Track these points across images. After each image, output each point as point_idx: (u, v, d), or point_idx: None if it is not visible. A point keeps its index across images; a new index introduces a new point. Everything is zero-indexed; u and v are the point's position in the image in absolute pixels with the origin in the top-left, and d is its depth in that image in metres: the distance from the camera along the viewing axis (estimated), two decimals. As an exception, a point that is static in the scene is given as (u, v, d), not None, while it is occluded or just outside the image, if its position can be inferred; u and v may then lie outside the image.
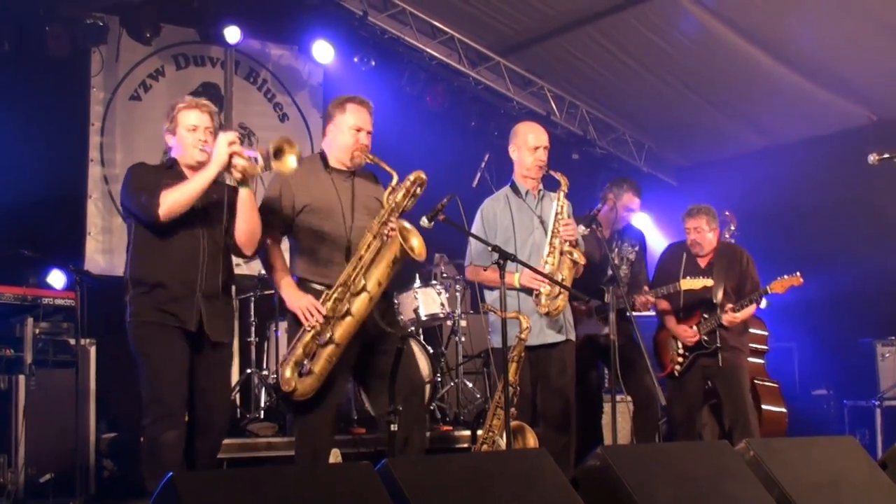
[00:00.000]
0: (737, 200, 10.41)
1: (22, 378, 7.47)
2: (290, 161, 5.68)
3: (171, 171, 5.95)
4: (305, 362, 5.92)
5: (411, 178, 6.13)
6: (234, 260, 6.24)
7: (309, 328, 5.96)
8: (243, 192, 5.88)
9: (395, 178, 6.12)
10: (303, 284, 6.16)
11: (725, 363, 8.37)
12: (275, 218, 6.21)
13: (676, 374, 8.56)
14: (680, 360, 8.52)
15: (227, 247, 6.04)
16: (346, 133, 6.30)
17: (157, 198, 5.70)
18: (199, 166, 5.91)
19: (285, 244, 6.40)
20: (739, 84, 11.51)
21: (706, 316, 8.42)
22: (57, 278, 8.68)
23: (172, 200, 5.71)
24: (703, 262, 8.56)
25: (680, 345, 8.55)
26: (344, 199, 6.25)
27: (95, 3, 10.08)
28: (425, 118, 11.97)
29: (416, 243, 5.94)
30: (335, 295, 5.96)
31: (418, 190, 6.12)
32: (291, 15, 11.43)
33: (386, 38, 11.89)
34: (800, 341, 11.61)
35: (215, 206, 5.96)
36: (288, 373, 5.89)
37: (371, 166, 6.33)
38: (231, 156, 5.70)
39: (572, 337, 7.26)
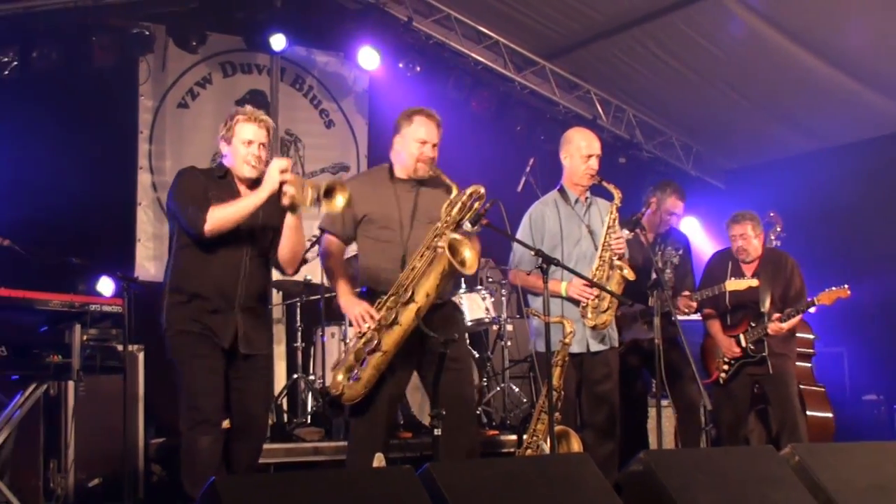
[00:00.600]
0: (785, 204, 10.33)
1: (71, 384, 7.52)
2: (338, 202, 5.68)
3: (223, 181, 6.01)
4: (356, 369, 5.97)
5: (468, 191, 6.14)
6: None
7: (360, 334, 6.01)
8: (290, 218, 5.91)
9: (455, 191, 6.16)
10: (367, 293, 6.24)
11: (775, 370, 8.31)
12: (338, 226, 6.33)
13: (722, 381, 8.51)
14: (726, 367, 8.47)
15: (269, 260, 6.10)
16: (412, 145, 6.35)
17: (204, 213, 5.76)
18: (247, 181, 5.97)
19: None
20: (787, 86, 11.43)
21: (753, 324, 8.36)
22: (106, 285, 8.75)
23: (219, 218, 5.77)
24: (748, 270, 8.49)
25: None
26: (404, 209, 6.31)
27: (141, 12, 10.16)
28: (470, 123, 11.97)
29: (468, 256, 5.92)
30: (387, 303, 6.01)
31: (476, 204, 6.11)
32: (337, 22, 11.46)
33: (431, 43, 11.90)
34: (850, 346, 11.50)
35: (262, 222, 6.01)
36: (339, 377, 6.04)
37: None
38: (282, 183, 5.73)
39: (616, 344, 7.24)
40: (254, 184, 5.95)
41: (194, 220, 5.76)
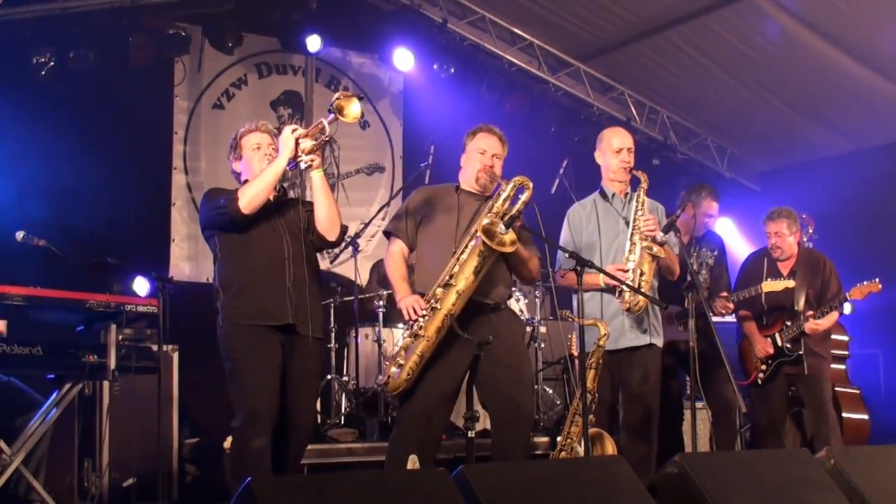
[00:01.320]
0: (821, 205, 10.30)
1: (106, 384, 7.56)
2: (353, 110, 5.77)
3: (229, 193, 6.04)
4: (401, 358, 6.02)
5: (513, 181, 6.22)
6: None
7: (409, 324, 6.11)
8: (316, 177, 6.00)
9: (503, 183, 6.26)
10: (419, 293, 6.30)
11: (811, 370, 8.27)
12: (402, 232, 6.46)
13: (760, 381, 8.47)
14: (763, 367, 8.44)
15: (312, 245, 6.14)
16: (474, 156, 6.49)
17: (235, 198, 5.85)
18: None
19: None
20: (823, 88, 11.39)
21: (788, 323, 8.34)
22: (141, 285, 8.80)
23: (250, 192, 5.85)
24: (784, 268, 8.46)
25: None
26: (463, 215, 6.39)
27: (178, 13, 10.21)
28: (505, 124, 11.70)
29: (504, 237, 5.98)
30: (436, 291, 6.07)
31: (522, 195, 6.15)
32: (372, 23, 11.50)
33: (465, 45, 11.92)
34: (885, 348, 11.44)
35: (292, 212, 6.13)
36: (393, 369, 6.08)
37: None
38: (297, 141, 5.84)
39: (658, 342, 7.15)
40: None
41: (227, 204, 5.85)
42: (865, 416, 9.60)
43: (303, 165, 5.89)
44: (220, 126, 10.99)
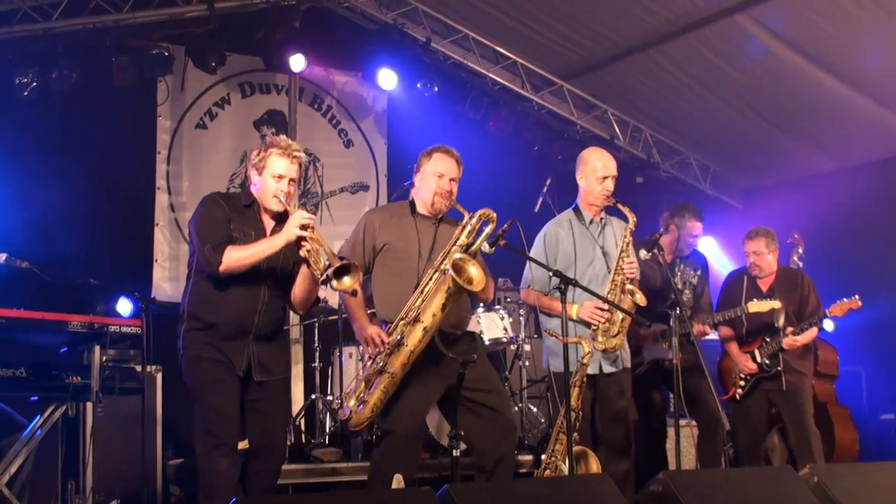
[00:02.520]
0: (803, 223, 10.33)
1: (89, 405, 7.53)
2: (345, 282, 5.65)
3: (247, 211, 6.04)
4: (364, 394, 6.00)
5: (477, 214, 6.24)
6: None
7: (370, 358, 6.05)
8: (305, 267, 5.92)
9: (466, 216, 6.22)
10: (382, 324, 6.29)
11: (789, 386, 8.32)
12: (358, 253, 6.40)
13: (738, 397, 8.50)
14: (742, 383, 8.47)
15: (287, 293, 6.13)
16: (430, 179, 6.47)
17: (220, 254, 5.80)
18: (272, 213, 6.03)
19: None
20: (805, 106, 11.41)
21: (767, 339, 8.37)
22: (124, 306, 8.78)
23: (234, 259, 5.81)
24: (764, 286, 8.51)
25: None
26: (423, 240, 6.40)
27: (161, 33, 10.21)
28: (488, 143, 11.98)
29: (474, 274, 5.95)
30: (398, 327, 6.03)
31: (486, 228, 6.19)
32: (355, 42, 11.52)
33: (449, 63, 11.94)
34: (867, 365, 11.45)
35: (282, 259, 6.04)
36: (351, 402, 6.06)
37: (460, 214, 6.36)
38: (301, 238, 5.75)
39: (628, 365, 7.25)
40: (278, 216, 6.02)
41: (210, 259, 5.81)
42: (856, 436, 9.63)
43: (301, 252, 5.81)
44: (202, 146, 10.99)
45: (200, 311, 5.94)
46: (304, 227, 5.71)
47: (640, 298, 6.92)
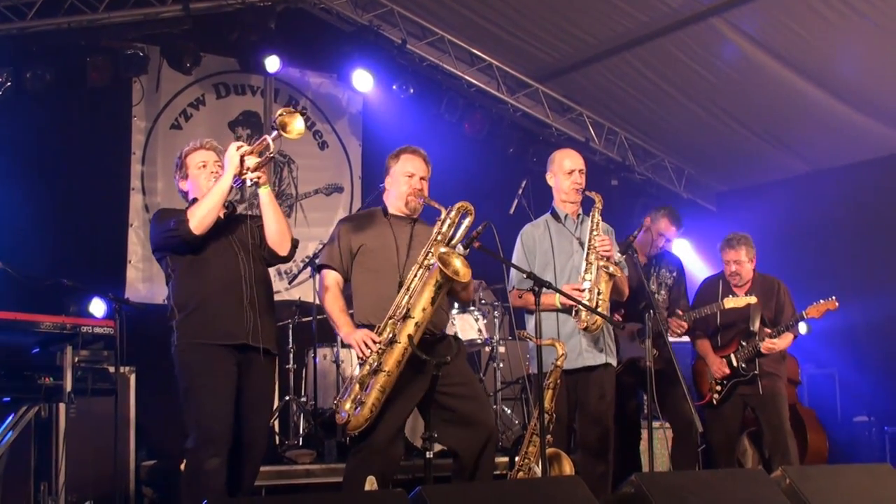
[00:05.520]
0: (777, 226, 10.39)
1: (62, 406, 7.50)
2: (297, 126, 5.82)
3: (179, 214, 6.04)
4: (360, 395, 5.97)
5: (455, 207, 6.27)
6: (275, 288, 6.28)
7: (362, 360, 6.05)
8: (263, 194, 6.03)
9: (444, 211, 6.24)
10: (365, 327, 6.24)
11: (766, 390, 8.33)
12: (336, 261, 6.40)
13: (715, 402, 8.51)
14: (718, 388, 8.48)
15: (265, 261, 6.16)
16: (401, 180, 6.48)
17: (183, 216, 5.87)
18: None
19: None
20: (780, 110, 11.46)
21: (744, 343, 8.39)
22: (97, 307, 8.75)
23: (199, 213, 5.86)
24: (739, 293, 8.50)
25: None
26: (400, 239, 6.40)
27: (136, 33, 10.18)
28: (463, 145, 11.99)
29: (459, 265, 5.96)
30: (387, 326, 6.03)
31: (465, 220, 6.22)
32: (331, 43, 11.50)
33: (424, 65, 11.97)
34: (841, 367, 11.49)
35: (243, 228, 6.14)
36: (347, 406, 6.00)
37: (432, 214, 6.37)
38: (242, 158, 5.87)
39: (613, 361, 7.23)
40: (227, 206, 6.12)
41: (177, 226, 5.85)
42: (824, 436, 9.67)
43: (249, 182, 5.92)
44: (177, 146, 10.70)
45: (189, 295, 5.93)
46: (239, 148, 5.90)
47: (615, 270, 6.95)
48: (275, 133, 5.79)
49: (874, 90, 10.69)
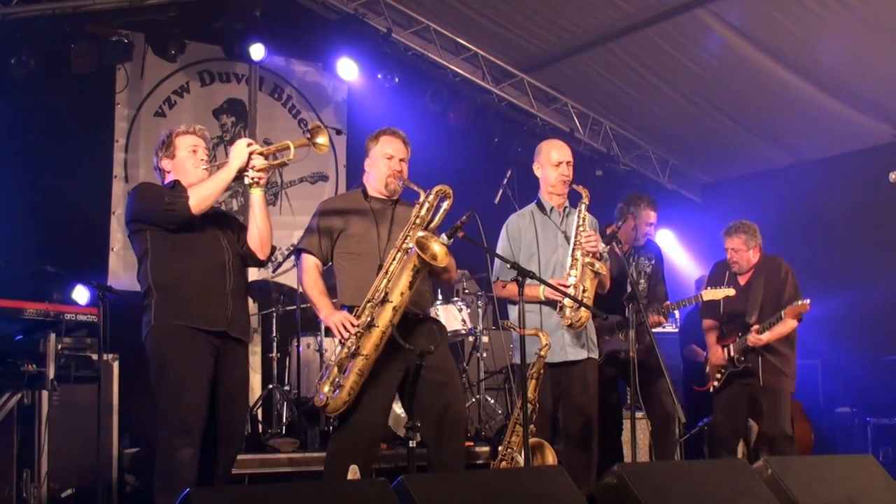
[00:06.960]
0: (761, 217, 10.33)
1: (45, 393, 7.46)
2: (321, 141, 5.82)
3: (175, 190, 6.00)
4: (338, 378, 5.98)
5: (434, 190, 6.25)
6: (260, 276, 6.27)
7: (341, 342, 6.04)
8: (256, 195, 6.00)
9: (423, 194, 6.23)
10: (347, 309, 6.23)
11: (766, 384, 8.31)
12: (315, 246, 6.40)
13: (713, 389, 8.54)
14: (718, 376, 8.50)
15: (243, 257, 6.11)
16: (380, 162, 6.47)
17: (183, 197, 5.79)
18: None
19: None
20: (764, 101, 11.49)
21: (741, 335, 8.40)
22: (81, 294, 8.72)
23: (202, 193, 5.80)
24: (742, 280, 8.54)
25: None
26: (381, 222, 6.40)
27: (120, 20, 10.14)
28: (448, 134, 11.98)
29: (437, 250, 5.95)
30: (365, 308, 6.03)
31: (444, 204, 6.23)
32: (316, 32, 11.48)
33: (410, 54, 11.95)
34: (823, 358, 11.52)
35: (225, 223, 6.13)
36: (326, 388, 6.01)
37: (413, 195, 6.36)
38: (251, 156, 5.83)
39: (595, 355, 7.24)
40: None
41: (177, 203, 5.77)
42: (809, 427, 9.70)
43: (247, 180, 5.89)
44: (160, 134, 10.88)
45: (169, 275, 5.85)
46: (250, 145, 5.87)
47: (601, 267, 6.95)
48: (302, 139, 5.76)
49: (859, 82, 10.72)
